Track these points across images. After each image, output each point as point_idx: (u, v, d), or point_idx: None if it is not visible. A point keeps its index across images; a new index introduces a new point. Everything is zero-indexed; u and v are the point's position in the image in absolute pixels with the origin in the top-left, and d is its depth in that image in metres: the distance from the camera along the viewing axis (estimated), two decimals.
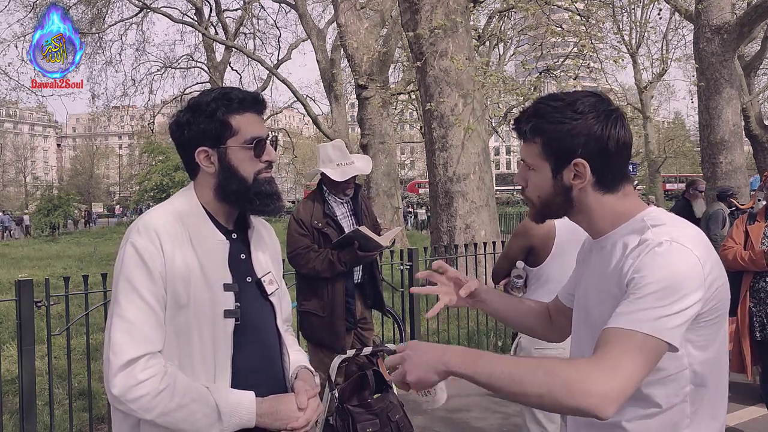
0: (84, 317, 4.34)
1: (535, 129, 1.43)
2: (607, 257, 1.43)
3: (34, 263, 17.07)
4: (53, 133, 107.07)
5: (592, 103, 1.41)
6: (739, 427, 4.65)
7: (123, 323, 1.55)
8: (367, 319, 4.26)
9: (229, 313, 1.64)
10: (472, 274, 7.32)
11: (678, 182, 48.65)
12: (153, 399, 1.52)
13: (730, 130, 11.68)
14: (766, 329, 4.09)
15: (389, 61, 17.23)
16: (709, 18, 11.58)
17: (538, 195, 1.48)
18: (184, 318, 1.60)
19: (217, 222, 1.72)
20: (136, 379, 1.51)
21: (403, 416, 3.11)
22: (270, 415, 1.63)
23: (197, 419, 1.55)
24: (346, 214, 4.13)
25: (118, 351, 1.52)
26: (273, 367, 1.77)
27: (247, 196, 1.68)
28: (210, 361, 1.62)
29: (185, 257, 1.61)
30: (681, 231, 1.35)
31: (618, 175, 1.44)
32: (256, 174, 1.69)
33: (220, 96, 1.68)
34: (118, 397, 1.52)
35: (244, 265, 1.73)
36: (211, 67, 29.48)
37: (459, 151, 9.48)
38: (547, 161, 1.43)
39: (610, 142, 1.39)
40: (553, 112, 1.41)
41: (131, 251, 1.59)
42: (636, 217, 1.42)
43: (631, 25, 26.28)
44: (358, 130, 17.64)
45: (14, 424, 4.47)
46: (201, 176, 1.72)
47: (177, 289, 1.59)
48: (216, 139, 1.67)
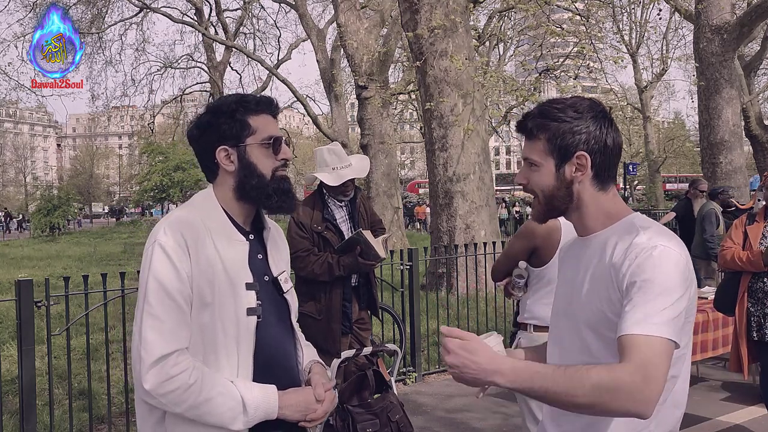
0: (84, 317, 4.34)
1: (540, 126, 1.55)
2: (597, 254, 1.53)
3: (34, 263, 17.07)
4: (53, 133, 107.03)
5: (588, 105, 1.56)
6: (739, 427, 4.65)
7: (154, 321, 1.62)
8: (364, 319, 4.27)
9: (252, 311, 1.72)
10: (472, 274, 7.33)
11: (678, 182, 48.63)
12: (184, 393, 1.60)
13: (730, 130, 11.68)
14: (763, 329, 4.09)
15: (389, 61, 17.23)
16: (709, 18, 11.58)
17: (541, 190, 1.58)
18: (209, 315, 1.67)
19: (236, 223, 1.79)
20: (167, 374, 1.59)
21: (403, 416, 3.12)
22: (291, 407, 1.72)
23: (223, 412, 1.63)
24: (345, 218, 4.12)
25: (150, 348, 1.60)
26: (289, 362, 1.85)
27: (266, 192, 1.76)
28: (233, 356, 1.69)
29: (209, 257, 1.69)
30: (666, 235, 1.47)
31: (611, 174, 1.57)
32: (274, 171, 1.78)
33: (238, 99, 1.79)
34: (150, 392, 1.60)
35: (262, 265, 1.81)
36: (211, 67, 29.47)
37: (459, 151, 9.48)
38: (550, 156, 1.55)
39: (608, 139, 1.54)
40: (556, 111, 1.54)
41: (159, 251, 1.65)
42: (626, 218, 1.55)
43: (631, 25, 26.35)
44: (358, 130, 17.63)
45: (14, 424, 4.47)
46: (220, 177, 1.79)
47: (202, 288, 1.66)
48: (236, 138, 1.75)
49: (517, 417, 3.39)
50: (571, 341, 1.56)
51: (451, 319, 6.90)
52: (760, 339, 4.12)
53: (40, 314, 4.14)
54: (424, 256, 6.46)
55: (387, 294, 6.60)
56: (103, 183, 75.85)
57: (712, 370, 6.10)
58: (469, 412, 5.00)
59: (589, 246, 1.57)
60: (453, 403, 5.27)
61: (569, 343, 1.57)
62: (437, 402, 5.32)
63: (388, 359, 5.49)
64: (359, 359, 3.40)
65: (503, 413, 4.93)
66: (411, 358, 5.97)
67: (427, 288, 8.79)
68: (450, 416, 4.98)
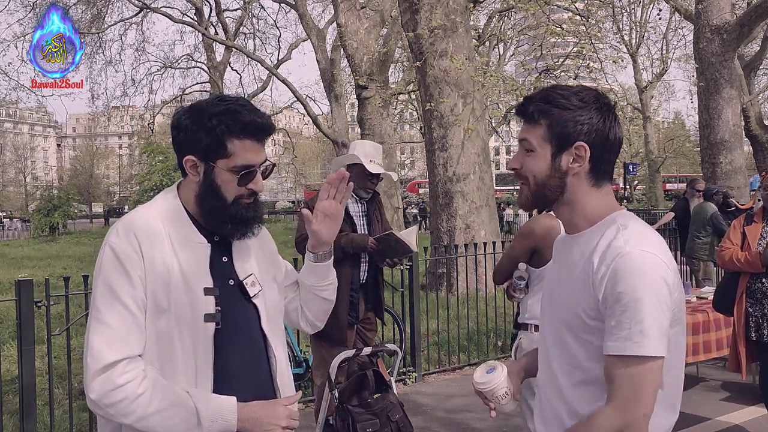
0: (84, 317, 4.33)
1: (542, 111, 1.49)
2: (580, 254, 1.49)
3: (34, 263, 17.06)
4: (53, 133, 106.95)
5: (594, 96, 1.50)
6: (738, 427, 4.65)
7: (101, 327, 1.53)
8: (370, 319, 4.28)
9: (210, 317, 1.62)
10: (472, 274, 7.33)
11: (678, 182, 48.61)
12: (131, 403, 1.51)
13: (730, 130, 11.68)
14: (762, 329, 4.09)
15: (389, 61, 17.23)
16: (709, 18, 11.58)
17: (534, 176, 1.52)
18: (165, 322, 1.58)
19: (199, 224, 1.69)
20: (113, 383, 1.50)
21: (402, 416, 3.12)
22: (252, 420, 1.61)
23: (176, 424, 1.54)
24: (359, 214, 4.17)
25: (96, 355, 1.51)
26: (258, 371, 1.73)
27: (221, 217, 1.65)
28: (191, 365, 1.60)
29: (165, 260, 1.59)
30: (648, 238, 1.43)
31: (608, 170, 1.52)
32: (237, 198, 1.66)
33: (225, 112, 1.62)
34: (96, 402, 1.51)
35: (226, 268, 1.70)
36: (211, 67, 29.47)
37: (459, 151, 9.49)
38: (549, 143, 1.49)
39: (610, 133, 1.49)
40: (561, 98, 1.49)
41: (109, 253, 1.57)
42: (609, 217, 1.50)
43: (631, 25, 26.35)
44: (358, 130, 17.62)
45: (14, 424, 4.48)
46: (188, 179, 1.70)
47: (157, 293, 1.57)
48: (207, 154, 1.63)
49: (517, 417, 3.39)
50: (553, 340, 1.55)
51: (451, 319, 6.90)
52: (759, 339, 4.12)
53: (40, 314, 4.14)
54: (424, 256, 6.46)
55: (387, 294, 6.57)
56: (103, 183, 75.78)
57: (711, 370, 6.10)
58: (469, 412, 5.00)
59: (575, 245, 1.53)
60: (453, 403, 5.27)
61: (551, 343, 1.57)
62: (437, 402, 5.33)
63: (388, 359, 5.49)
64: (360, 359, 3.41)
65: (503, 413, 4.92)
66: (411, 358, 5.97)
67: (427, 288, 8.80)
68: (450, 416, 4.98)
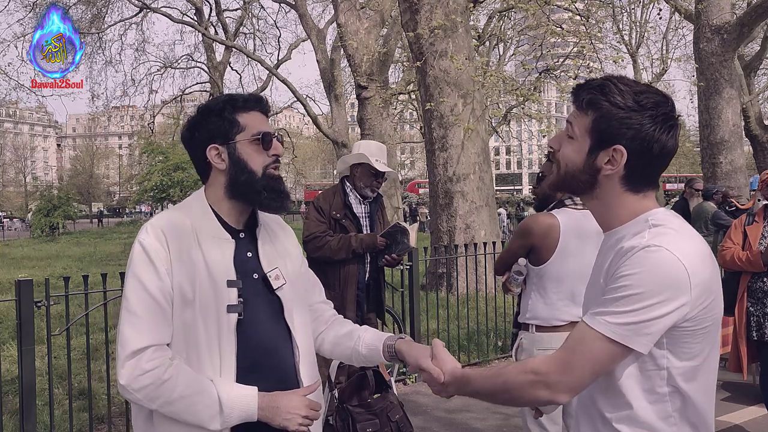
0: (84, 317, 4.34)
1: (592, 102, 1.41)
2: (607, 251, 1.45)
3: (34, 263, 17.06)
4: (53, 133, 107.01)
5: (655, 102, 1.39)
6: (738, 427, 4.65)
7: (130, 317, 1.64)
8: (370, 319, 4.31)
9: (232, 308, 1.71)
10: (472, 274, 7.33)
11: (678, 182, 48.63)
12: (157, 389, 1.60)
13: (730, 130, 11.69)
14: (763, 329, 4.09)
15: (389, 61, 17.22)
16: (709, 18, 11.59)
17: (566, 164, 1.46)
18: (191, 313, 1.68)
19: (225, 223, 1.79)
20: (141, 369, 1.60)
21: (402, 416, 3.12)
22: (271, 409, 1.68)
23: (199, 410, 1.62)
24: (363, 214, 4.22)
25: (125, 343, 1.62)
26: (279, 362, 1.80)
27: (255, 188, 1.76)
28: (215, 355, 1.68)
29: (191, 254, 1.70)
30: (676, 238, 1.34)
31: (648, 179, 1.44)
32: (265, 168, 1.77)
33: (226, 98, 1.81)
34: (125, 387, 1.61)
35: (251, 263, 1.79)
36: (211, 67, 29.47)
37: (459, 151, 9.48)
38: (589, 136, 1.42)
39: (656, 145, 1.38)
40: (616, 94, 1.38)
41: (139, 249, 1.69)
42: (643, 215, 1.42)
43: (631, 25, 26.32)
44: (358, 130, 17.62)
45: (14, 424, 4.47)
46: (212, 177, 1.80)
47: (183, 285, 1.67)
48: (225, 135, 1.76)
49: (517, 417, 3.39)
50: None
51: (451, 319, 6.89)
52: (760, 339, 4.12)
53: (40, 314, 4.14)
54: (424, 256, 6.46)
55: (387, 294, 6.58)
56: (103, 183, 75.87)
57: None
58: (469, 412, 5.00)
59: (607, 242, 1.48)
60: (453, 403, 5.27)
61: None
62: (437, 402, 5.32)
63: None
64: None
65: (503, 413, 4.92)
66: None
67: (427, 288, 8.79)
68: (450, 416, 4.98)
